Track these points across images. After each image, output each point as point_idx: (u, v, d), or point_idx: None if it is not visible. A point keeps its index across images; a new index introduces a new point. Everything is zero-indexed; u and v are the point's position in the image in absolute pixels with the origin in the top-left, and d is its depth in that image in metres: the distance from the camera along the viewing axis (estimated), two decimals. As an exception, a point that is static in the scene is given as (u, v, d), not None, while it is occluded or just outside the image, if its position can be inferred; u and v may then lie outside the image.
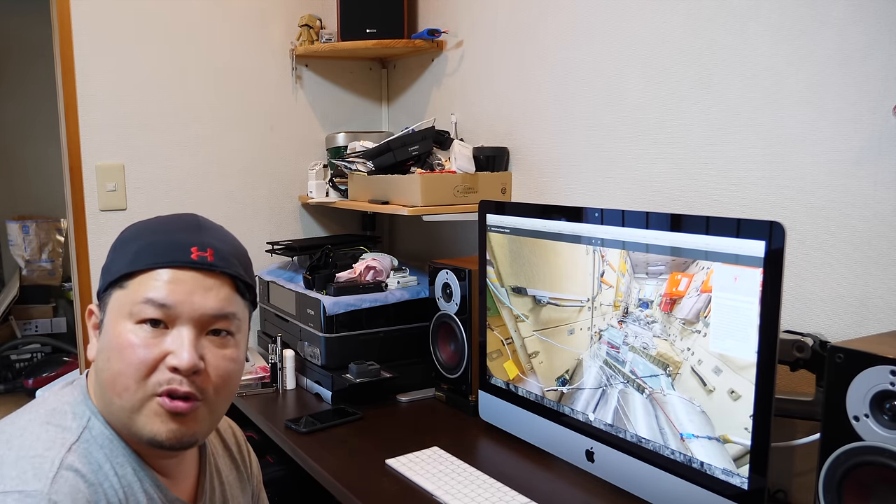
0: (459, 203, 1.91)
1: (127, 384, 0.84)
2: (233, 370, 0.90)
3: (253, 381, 1.99)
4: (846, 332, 1.25)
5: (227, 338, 0.89)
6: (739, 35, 1.38)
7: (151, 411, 0.84)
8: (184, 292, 0.85)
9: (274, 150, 2.40)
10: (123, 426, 0.86)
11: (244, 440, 1.16)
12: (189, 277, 0.86)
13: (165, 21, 2.17)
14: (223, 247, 0.90)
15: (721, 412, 1.15)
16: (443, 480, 1.38)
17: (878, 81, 1.18)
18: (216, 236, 0.92)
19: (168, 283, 0.85)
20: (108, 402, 0.86)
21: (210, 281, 0.87)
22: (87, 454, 0.84)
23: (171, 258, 0.86)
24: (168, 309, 0.85)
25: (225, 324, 0.89)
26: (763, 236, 1.07)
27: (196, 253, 0.87)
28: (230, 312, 0.89)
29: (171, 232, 0.89)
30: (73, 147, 2.09)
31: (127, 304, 0.85)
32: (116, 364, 0.84)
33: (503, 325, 1.60)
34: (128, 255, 0.87)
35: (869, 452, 0.94)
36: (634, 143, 1.62)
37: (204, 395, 0.87)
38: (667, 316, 1.22)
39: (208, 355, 0.87)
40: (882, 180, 1.19)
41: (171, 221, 0.92)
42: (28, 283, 3.66)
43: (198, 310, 0.86)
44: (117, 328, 0.85)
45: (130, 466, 0.87)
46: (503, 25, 1.97)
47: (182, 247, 0.87)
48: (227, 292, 0.89)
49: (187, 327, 0.85)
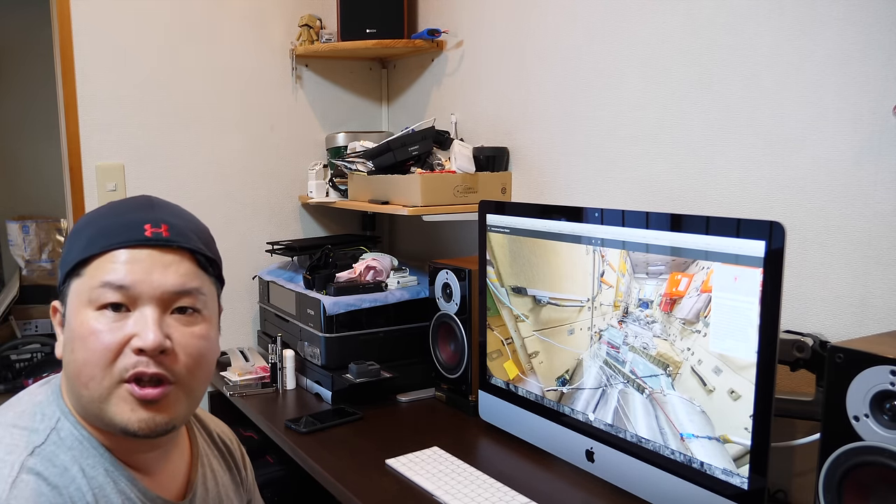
0: (459, 203, 1.91)
1: (93, 373, 0.81)
2: (204, 347, 0.87)
3: (253, 381, 1.98)
4: (846, 332, 1.25)
5: (193, 315, 0.86)
6: (739, 35, 1.38)
7: (119, 399, 0.82)
8: (142, 271, 0.83)
9: (274, 150, 2.40)
10: (95, 418, 0.84)
11: (238, 445, 1.13)
12: (145, 255, 0.84)
13: (165, 21, 2.17)
14: (178, 222, 0.88)
15: (721, 412, 1.15)
16: (443, 480, 1.38)
17: (878, 81, 1.18)
18: (170, 212, 0.89)
19: (125, 264, 0.82)
20: (77, 395, 0.84)
21: (168, 257, 0.85)
22: (51, 457, 0.81)
23: (124, 238, 0.84)
24: (127, 290, 0.82)
25: (189, 300, 0.86)
26: (763, 236, 1.07)
27: (150, 230, 0.85)
28: (193, 288, 0.86)
29: (123, 213, 0.87)
30: (73, 147, 2.09)
31: (85, 291, 0.83)
32: (81, 353, 0.82)
33: (503, 325, 1.60)
34: (81, 243, 0.85)
35: (869, 452, 0.94)
36: (634, 143, 1.62)
37: (175, 376, 0.83)
38: (667, 316, 1.22)
39: (175, 334, 0.84)
40: (882, 180, 1.19)
41: (122, 204, 0.90)
42: (28, 283, 3.66)
43: (158, 287, 0.83)
44: (78, 317, 0.83)
45: (102, 467, 0.84)
46: (503, 25, 1.97)
47: (135, 225, 0.85)
48: (187, 267, 0.86)
49: (150, 307, 0.82)
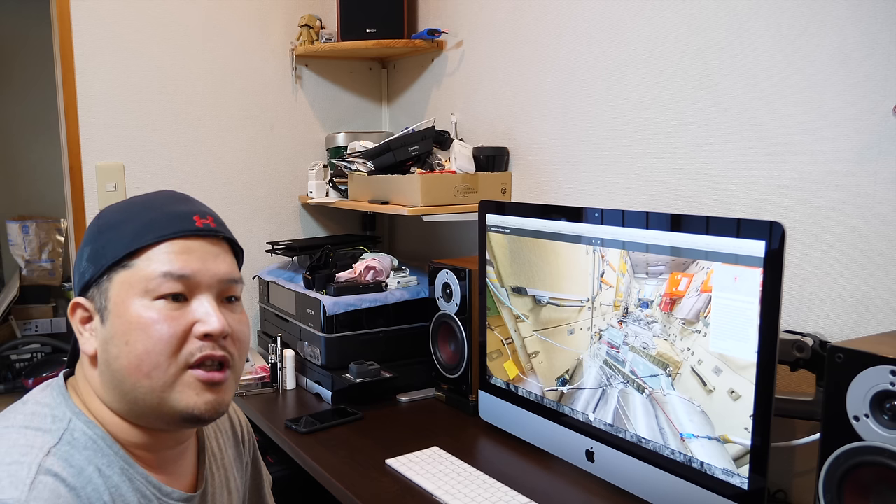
0: (459, 203, 1.91)
1: (157, 361, 0.82)
2: (248, 334, 0.92)
3: (253, 381, 1.98)
4: (846, 332, 1.25)
5: (236, 303, 0.90)
6: (739, 35, 1.38)
7: (185, 385, 0.83)
8: (198, 260, 0.85)
9: (274, 150, 2.40)
10: (151, 410, 0.84)
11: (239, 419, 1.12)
12: (198, 246, 0.86)
13: (165, 21, 2.17)
14: (215, 214, 0.92)
15: (721, 412, 1.15)
16: (443, 480, 1.38)
17: (878, 81, 1.18)
18: (205, 205, 0.93)
19: (181, 255, 0.84)
20: (128, 389, 0.83)
21: (216, 248, 0.88)
22: (67, 457, 0.81)
23: (177, 228, 0.85)
24: (188, 279, 0.84)
25: (234, 289, 0.90)
26: (763, 236, 1.07)
27: (200, 221, 0.87)
28: (237, 277, 0.90)
29: (166, 205, 0.88)
30: (73, 147, 2.09)
31: (138, 281, 0.83)
32: (140, 344, 0.82)
33: (503, 325, 1.60)
34: (126, 235, 0.85)
35: (869, 452, 0.94)
36: (634, 143, 1.62)
37: (233, 359, 0.87)
38: (667, 316, 1.22)
39: (230, 320, 0.87)
40: (882, 180, 1.19)
41: (157, 198, 0.91)
42: (28, 283, 3.65)
43: (214, 276, 0.86)
44: (132, 308, 0.83)
45: (118, 466, 0.84)
46: (503, 25, 1.97)
47: (185, 217, 0.87)
48: (230, 258, 0.90)
49: (206, 294, 0.85)
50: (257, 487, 1.16)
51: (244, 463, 1.11)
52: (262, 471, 1.17)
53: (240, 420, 1.13)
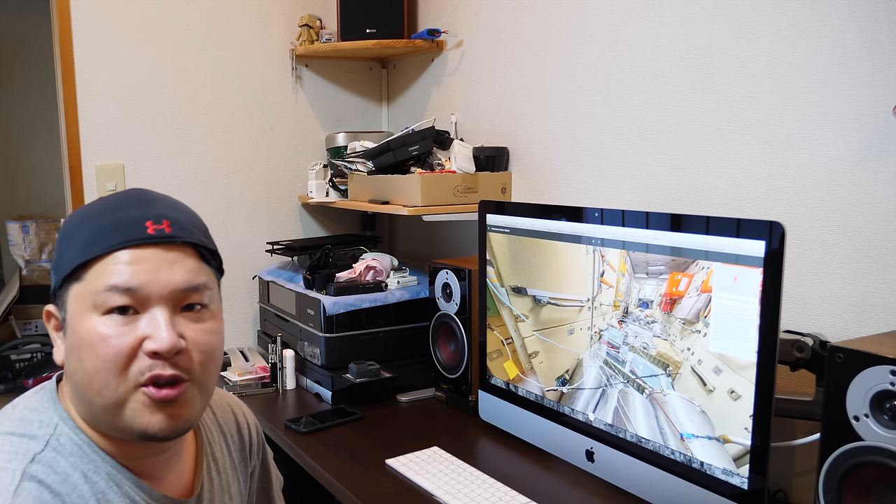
0: (459, 203, 1.91)
1: (106, 380, 0.78)
2: (215, 343, 0.85)
3: (253, 381, 1.98)
4: (846, 332, 1.25)
5: (201, 311, 0.84)
6: (739, 35, 1.38)
7: (138, 403, 0.79)
8: (148, 271, 0.80)
9: (274, 150, 2.40)
10: (109, 425, 0.81)
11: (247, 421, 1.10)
12: (150, 254, 0.80)
13: (165, 21, 2.17)
14: (178, 216, 0.85)
15: (721, 412, 1.15)
16: (443, 480, 1.38)
17: (878, 81, 1.18)
18: (168, 205, 0.86)
19: (129, 265, 0.79)
20: (87, 403, 0.81)
21: (173, 254, 0.82)
22: (52, 463, 0.79)
23: (126, 237, 0.80)
24: (135, 292, 0.79)
25: (197, 296, 0.83)
26: (763, 236, 1.07)
27: (152, 227, 0.81)
28: (200, 283, 0.83)
29: (120, 210, 0.83)
30: (73, 147, 2.09)
31: (88, 295, 0.79)
32: (90, 362, 0.79)
33: (503, 325, 1.60)
34: (78, 245, 0.81)
35: (869, 452, 0.94)
36: (634, 143, 1.62)
37: (191, 374, 0.82)
38: (667, 316, 1.22)
39: (187, 332, 0.82)
40: (882, 180, 1.19)
41: (116, 200, 0.85)
42: (28, 283, 3.65)
43: (166, 286, 0.80)
44: (83, 324, 0.79)
45: (105, 472, 0.82)
46: (503, 25, 1.97)
47: (136, 223, 0.81)
48: (192, 263, 0.83)
49: (159, 307, 0.80)
50: (266, 490, 1.14)
51: (250, 469, 1.09)
52: (271, 474, 1.15)
53: (248, 424, 1.10)
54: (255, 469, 1.11)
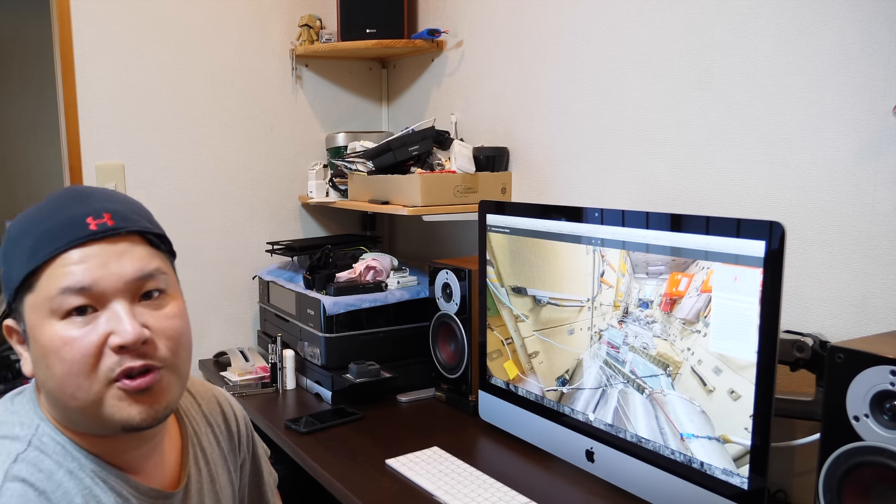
0: (459, 203, 1.91)
1: (78, 383, 0.78)
2: (180, 326, 0.85)
3: (253, 381, 1.99)
4: (846, 332, 1.25)
5: (160, 297, 0.84)
6: (739, 35, 1.38)
7: (115, 398, 0.80)
8: (97, 267, 0.79)
9: (274, 150, 2.40)
10: (91, 424, 0.82)
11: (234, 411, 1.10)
12: (97, 250, 0.80)
13: (166, 21, 2.17)
14: (118, 206, 0.84)
15: (721, 412, 1.15)
16: (443, 480, 1.38)
17: (878, 81, 1.18)
18: (106, 198, 0.85)
19: (78, 265, 0.79)
20: (63, 408, 0.82)
21: (120, 246, 0.81)
22: (36, 462, 0.80)
23: (70, 238, 0.79)
24: (90, 290, 0.79)
25: (153, 283, 0.83)
26: (763, 236, 1.07)
27: (93, 222, 0.81)
28: (153, 269, 0.83)
29: (58, 212, 0.82)
30: (73, 147, 2.09)
31: (43, 303, 0.79)
32: (58, 367, 0.79)
33: (503, 325, 1.60)
34: (23, 255, 0.80)
35: (869, 452, 0.94)
36: (634, 143, 1.62)
37: (161, 361, 0.82)
38: (667, 316, 1.22)
39: (150, 320, 0.82)
40: (882, 180, 1.19)
41: (53, 202, 0.84)
42: (28, 283, 3.66)
43: (120, 279, 0.80)
44: (45, 331, 0.79)
45: (89, 469, 0.82)
46: (503, 25, 1.97)
47: (77, 222, 0.80)
48: (141, 251, 0.83)
49: (117, 301, 0.80)
50: (257, 484, 1.14)
51: (240, 460, 1.09)
52: (262, 468, 1.15)
53: (235, 415, 1.10)
54: (245, 461, 1.11)
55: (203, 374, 2.24)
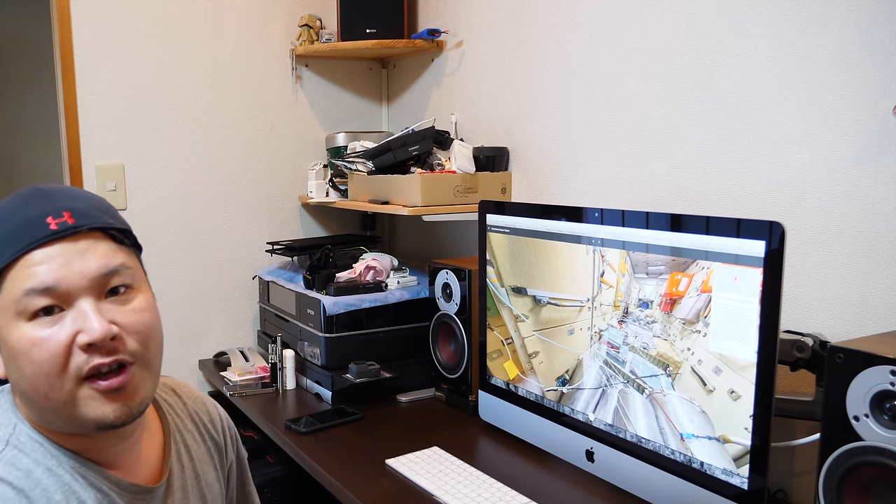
0: (459, 203, 1.91)
1: (50, 383, 0.78)
2: (148, 319, 0.85)
3: (253, 381, 1.99)
4: (846, 332, 1.25)
5: (127, 292, 0.84)
6: (739, 35, 1.38)
7: (86, 398, 0.79)
8: (60, 266, 0.79)
9: (274, 150, 2.40)
10: (66, 423, 0.82)
11: (219, 415, 1.10)
12: (59, 250, 0.79)
13: (166, 21, 2.17)
14: (78, 204, 0.83)
15: (721, 412, 1.15)
16: (443, 480, 1.38)
17: (878, 81, 1.18)
18: (66, 196, 0.84)
19: (41, 265, 0.78)
20: (38, 408, 0.82)
21: (81, 244, 0.81)
22: (14, 461, 0.80)
23: (30, 239, 0.79)
24: (54, 290, 0.78)
25: (118, 279, 0.83)
26: (763, 236, 1.07)
27: (53, 222, 0.80)
28: (117, 265, 0.83)
29: (17, 213, 0.82)
30: (73, 147, 2.09)
31: (9, 305, 0.79)
32: (28, 369, 0.78)
33: (503, 325, 1.60)
34: None
35: (869, 452, 0.94)
36: (634, 143, 1.62)
37: (132, 356, 0.82)
38: (667, 316, 1.22)
39: (117, 316, 0.81)
40: (882, 180, 1.19)
41: (11, 204, 0.84)
42: (28, 283, 3.66)
43: (83, 276, 0.80)
44: (12, 333, 0.79)
45: (68, 465, 0.82)
46: (503, 25, 1.97)
47: (36, 222, 0.80)
48: (104, 247, 0.83)
49: (83, 299, 0.80)
50: (243, 485, 1.14)
51: (227, 462, 1.09)
52: (247, 469, 1.15)
53: (221, 417, 1.10)
54: (232, 465, 1.11)
55: (203, 373, 2.24)
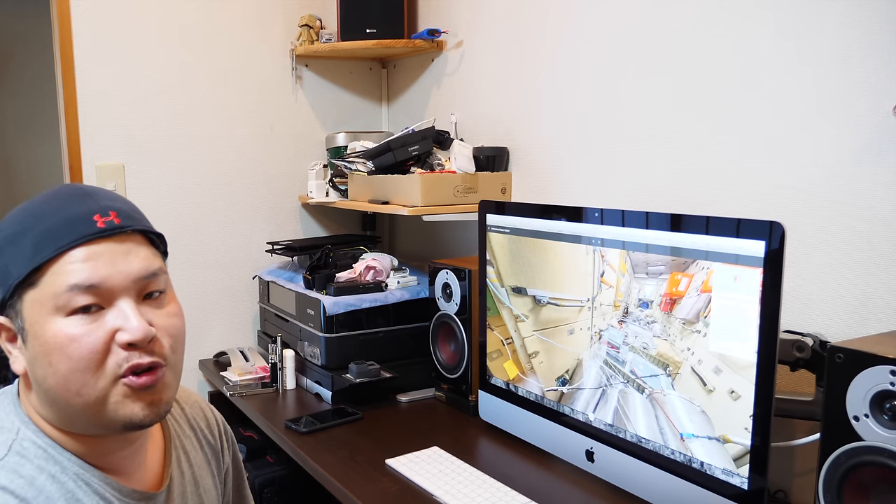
0: (459, 203, 1.91)
1: (83, 379, 0.78)
2: (180, 325, 0.87)
3: (253, 381, 1.99)
4: (846, 332, 1.25)
5: (161, 296, 0.85)
6: (739, 35, 1.38)
7: (119, 395, 0.80)
8: (106, 265, 0.79)
9: (274, 150, 2.40)
10: (90, 422, 0.81)
11: (216, 419, 1.10)
12: (104, 248, 0.80)
13: (166, 21, 2.17)
14: (122, 205, 0.85)
15: (721, 412, 1.15)
16: (443, 480, 1.38)
17: (878, 81, 1.18)
18: (109, 197, 0.85)
19: (86, 262, 0.79)
20: (63, 405, 0.81)
21: (126, 245, 0.82)
22: (16, 468, 0.79)
23: (77, 235, 0.79)
24: (98, 288, 0.79)
25: (155, 283, 0.84)
26: (763, 236, 1.07)
27: (101, 220, 0.81)
28: (156, 269, 0.84)
29: (62, 208, 0.82)
30: (73, 147, 2.09)
31: (48, 299, 0.78)
32: (63, 364, 0.78)
33: (503, 325, 1.60)
34: (25, 250, 0.79)
35: (869, 452, 0.94)
36: (634, 143, 1.62)
37: (165, 359, 0.83)
38: (667, 316, 1.22)
39: (154, 319, 0.83)
40: (882, 180, 1.19)
41: (54, 199, 0.84)
42: (28, 283, 3.66)
43: (127, 277, 0.80)
44: (48, 328, 0.78)
45: (72, 472, 0.82)
46: (503, 25, 1.97)
47: (84, 219, 0.80)
48: (145, 250, 0.84)
49: (124, 299, 0.80)
50: (238, 488, 1.15)
51: (224, 466, 1.09)
52: (242, 471, 1.16)
53: (217, 421, 1.10)
54: (228, 468, 1.11)
55: (203, 373, 2.24)
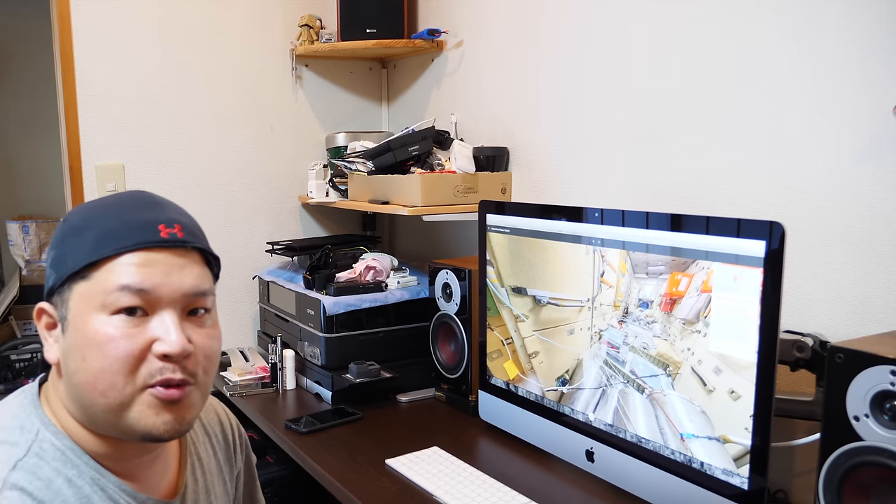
0: (459, 203, 1.91)
1: (113, 381, 0.78)
2: (217, 348, 0.87)
3: (253, 381, 1.98)
4: (846, 332, 1.25)
5: (204, 316, 0.85)
6: (739, 35, 1.38)
7: (144, 404, 0.80)
8: (160, 274, 0.80)
9: (274, 150, 2.40)
10: (109, 426, 0.81)
11: (230, 423, 1.10)
12: (162, 258, 0.81)
13: (166, 21, 2.17)
14: (187, 221, 0.86)
15: (721, 412, 1.15)
16: (443, 480, 1.38)
17: (879, 81, 1.18)
18: (176, 211, 0.87)
19: (141, 267, 0.79)
20: (88, 403, 0.80)
21: (183, 259, 0.83)
22: (35, 469, 0.79)
23: (139, 239, 0.80)
24: (147, 294, 0.79)
25: (202, 301, 0.84)
26: (763, 236, 1.07)
27: (165, 230, 0.82)
28: (206, 289, 0.85)
29: (130, 212, 0.83)
30: (73, 147, 2.09)
31: (96, 294, 0.79)
32: (96, 362, 0.78)
33: (503, 325, 1.60)
34: (86, 244, 0.80)
35: (869, 452, 0.94)
36: (634, 143, 1.62)
37: (195, 378, 0.83)
38: (667, 316, 1.22)
39: (193, 336, 0.82)
40: (882, 180, 1.19)
41: (123, 202, 0.85)
42: (28, 283, 3.65)
43: (177, 290, 0.81)
44: (90, 323, 0.79)
45: (88, 476, 0.82)
46: (503, 25, 1.97)
47: (149, 226, 0.82)
48: (199, 269, 0.85)
49: (169, 310, 0.81)
50: (250, 493, 1.14)
51: (236, 471, 1.09)
52: (255, 474, 1.15)
53: (232, 425, 1.10)
54: (240, 472, 1.11)
55: (203, 374, 2.24)
